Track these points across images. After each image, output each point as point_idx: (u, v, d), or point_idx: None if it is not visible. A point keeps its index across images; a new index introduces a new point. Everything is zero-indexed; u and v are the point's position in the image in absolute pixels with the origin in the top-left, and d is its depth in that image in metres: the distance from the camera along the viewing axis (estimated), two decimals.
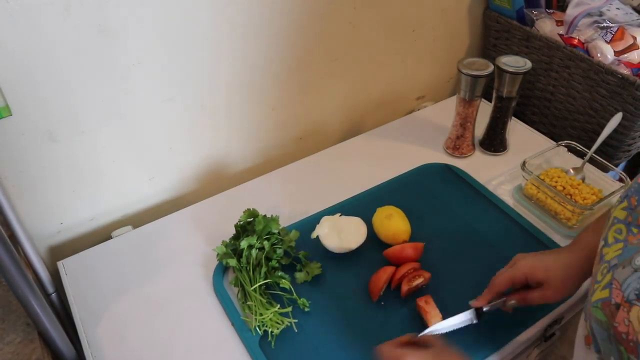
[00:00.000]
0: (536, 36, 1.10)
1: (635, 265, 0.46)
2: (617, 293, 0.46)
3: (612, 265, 0.49)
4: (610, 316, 0.46)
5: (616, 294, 0.46)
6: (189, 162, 1.01)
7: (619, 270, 0.48)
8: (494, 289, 0.71)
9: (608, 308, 0.47)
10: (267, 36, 0.94)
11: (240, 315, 0.77)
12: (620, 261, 0.49)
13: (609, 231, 0.53)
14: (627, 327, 0.44)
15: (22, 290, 0.61)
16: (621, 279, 0.47)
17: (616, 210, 0.54)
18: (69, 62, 0.76)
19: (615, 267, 0.48)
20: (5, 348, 0.65)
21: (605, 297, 0.47)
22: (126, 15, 0.77)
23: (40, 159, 0.83)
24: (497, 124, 1.04)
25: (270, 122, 1.07)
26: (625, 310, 0.45)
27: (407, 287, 0.77)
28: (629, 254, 0.48)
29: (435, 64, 1.26)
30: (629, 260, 0.47)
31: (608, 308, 0.47)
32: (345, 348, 0.73)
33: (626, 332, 0.44)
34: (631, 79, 0.95)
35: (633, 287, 0.45)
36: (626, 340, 0.44)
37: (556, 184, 0.91)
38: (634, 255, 0.47)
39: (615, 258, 0.50)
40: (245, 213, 0.85)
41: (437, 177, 1.01)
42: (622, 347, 0.45)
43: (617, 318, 0.45)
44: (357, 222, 0.86)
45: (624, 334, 0.44)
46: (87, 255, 0.89)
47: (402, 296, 0.78)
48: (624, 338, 0.44)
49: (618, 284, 0.47)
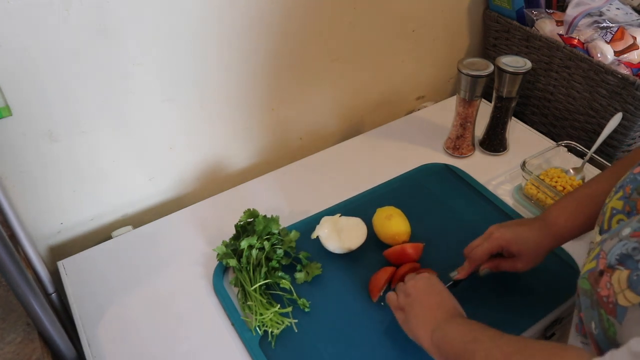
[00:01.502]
0: (536, 36, 1.10)
1: (621, 236, 0.47)
2: (602, 262, 0.48)
3: (601, 240, 0.51)
4: (594, 283, 0.47)
5: (602, 263, 0.48)
6: (189, 162, 1.01)
7: (607, 242, 0.49)
8: (474, 262, 0.75)
9: (593, 277, 0.48)
10: (267, 36, 0.94)
11: (240, 315, 0.77)
12: (609, 235, 0.50)
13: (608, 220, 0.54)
14: (608, 290, 0.45)
15: (22, 290, 0.61)
16: (607, 249, 0.48)
17: (612, 201, 0.54)
18: (69, 62, 0.76)
19: (604, 242, 0.50)
20: (5, 348, 0.65)
21: (592, 267, 0.49)
22: (126, 15, 0.77)
23: (40, 159, 0.83)
24: (497, 124, 1.04)
25: (270, 122, 1.07)
26: (608, 275, 0.46)
27: None
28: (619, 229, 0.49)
29: (435, 64, 1.26)
30: (617, 233, 0.48)
31: (593, 277, 0.48)
32: (345, 348, 0.73)
33: (607, 295, 0.45)
34: (631, 79, 0.95)
35: (615, 253, 0.46)
36: (606, 303, 0.45)
37: (556, 184, 0.91)
38: (623, 228, 0.48)
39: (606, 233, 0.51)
40: (246, 213, 0.85)
41: (437, 177, 1.01)
42: (602, 310, 0.46)
43: (600, 284, 0.47)
44: (357, 223, 0.86)
45: (605, 297, 0.45)
46: (87, 255, 0.89)
47: None
48: (604, 301, 0.45)
49: (604, 253, 0.48)
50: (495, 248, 0.73)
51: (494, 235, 0.73)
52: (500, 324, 0.74)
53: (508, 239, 0.72)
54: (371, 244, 0.86)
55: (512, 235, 0.72)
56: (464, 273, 0.76)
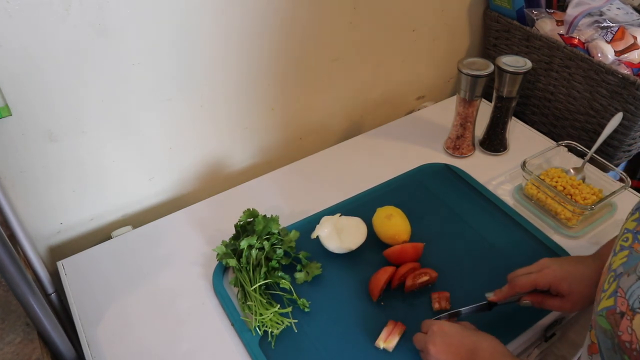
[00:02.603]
0: (536, 36, 1.10)
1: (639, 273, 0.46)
2: (621, 301, 0.46)
3: (618, 273, 0.49)
4: (614, 325, 0.46)
5: (621, 302, 0.46)
6: (189, 162, 1.01)
7: (624, 279, 0.47)
8: (516, 289, 0.71)
9: (612, 317, 0.46)
10: (267, 36, 0.94)
11: (240, 315, 0.77)
12: (626, 269, 0.48)
13: (618, 241, 0.53)
14: (631, 336, 0.44)
15: (21, 290, 0.61)
16: (626, 287, 0.46)
17: (627, 222, 0.54)
18: (69, 62, 0.76)
19: (621, 276, 0.48)
20: (5, 348, 0.65)
21: (610, 305, 0.47)
22: (126, 15, 0.77)
23: (40, 159, 0.83)
24: (497, 124, 1.04)
25: (270, 122, 1.06)
26: (628, 318, 0.44)
27: (411, 282, 0.77)
28: (634, 262, 0.48)
29: (436, 64, 1.26)
30: (633, 268, 0.47)
31: (612, 317, 0.46)
32: (345, 348, 0.73)
33: (629, 340, 0.44)
34: (631, 78, 0.95)
35: (637, 294, 0.45)
36: (629, 349, 0.44)
37: (556, 184, 0.91)
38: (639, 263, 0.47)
39: (621, 266, 0.50)
40: (245, 213, 0.85)
41: (437, 177, 1.01)
42: (625, 356, 0.44)
43: (621, 327, 0.45)
44: (357, 222, 0.86)
45: (627, 342, 0.44)
46: (87, 255, 0.89)
47: (405, 291, 0.78)
48: (627, 347, 0.44)
49: (623, 292, 0.46)
50: (543, 283, 0.69)
51: (546, 271, 0.69)
52: (500, 323, 0.75)
53: (559, 276, 0.68)
54: (371, 243, 0.86)
55: (565, 274, 0.68)
56: (500, 297, 0.72)
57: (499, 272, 0.77)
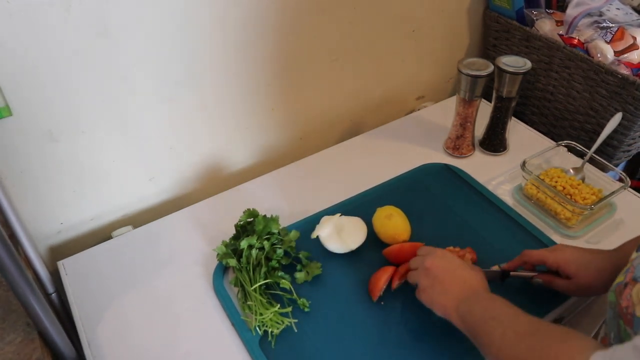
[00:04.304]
0: (536, 36, 1.10)
1: None
2: (629, 276, 0.49)
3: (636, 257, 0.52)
4: (618, 295, 0.49)
5: (629, 276, 0.49)
6: (189, 162, 1.01)
7: (638, 258, 0.50)
8: (523, 257, 0.76)
9: (619, 289, 0.49)
10: (267, 36, 0.94)
11: (240, 315, 0.77)
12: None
13: None
14: (628, 301, 0.46)
15: (22, 290, 0.61)
16: (636, 264, 0.49)
17: None
18: (69, 62, 0.76)
19: (638, 258, 0.51)
20: (5, 348, 0.65)
21: (620, 281, 0.50)
22: (126, 15, 0.77)
23: (40, 159, 0.83)
24: (497, 124, 1.04)
25: (270, 122, 1.07)
26: (630, 287, 0.47)
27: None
28: None
29: (435, 64, 1.26)
30: None
31: (619, 289, 0.49)
32: (345, 348, 0.73)
33: (627, 305, 0.46)
34: (631, 79, 0.95)
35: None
36: (625, 314, 0.46)
37: (556, 184, 0.91)
38: None
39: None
40: (245, 213, 0.85)
41: (437, 177, 1.01)
42: (621, 321, 0.47)
43: (623, 295, 0.48)
44: (357, 222, 0.86)
45: (625, 307, 0.46)
46: (87, 255, 0.89)
47: None
48: (624, 312, 0.46)
49: (633, 268, 0.49)
50: (552, 261, 0.72)
51: (558, 252, 0.72)
52: None
53: (569, 259, 0.70)
54: (371, 243, 0.86)
55: (575, 258, 0.70)
56: (511, 265, 0.77)
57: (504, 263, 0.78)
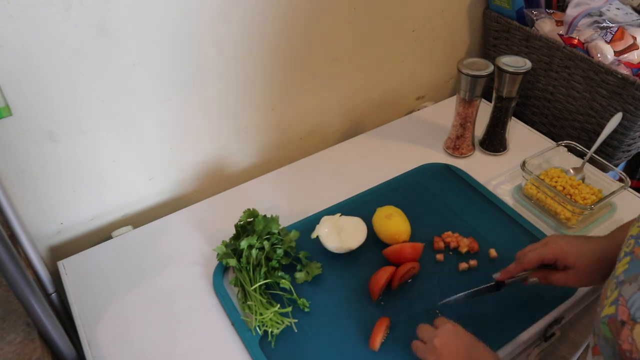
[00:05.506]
0: (536, 36, 1.10)
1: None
2: (623, 310, 0.46)
3: (619, 281, 0.49)
4: (615, 333, 0.46)
5: (622, 311, 0.46)
6: (189, 162, 1.01)
7: (626, 287, 0.47)
8: (522, 265, 0.70)
9: (614, 325, 0.46)
10: (267, 36, 0.94)
11: (240, 315, 0.77)
12: (627, 277, 0.48)
13: (622, 248, 0.53)
14: (631, 345, 0.44)
15: (22, 290, 0.61)
16: (627, 296, 0.46)
17: (633, 228, 0.53)
18: (69, 62, 0.76)
19: (622, 284, 0.48)
20: (5, 348, 0.65)
21: (612, 313, 0.47)
22: (126, 15, 0.77)
23: (40, 159, 0.83)
24: (497, 124, 1.04)
25: (270, 122, 1.07)
26: (629, 328, 0.44)
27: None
28: (636, 269, 0.48)
29: (435, 64, 1.26)
30: (634, 276, 0.47)
31: (614, 325, 0.46)
32: (345, 348, 0.73)
33: (630, 350, 0.44)
34: (631, 79, 0.95)
35: (638, 305, 0.45)
36: (629, 358, 0.44)
37: (556, 184, 0.91)
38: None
39: (622, 274, 0.49)
40: (245, 213, 0.85)
41: (437, 177, 1.01)
42: None
43: (621, 336, 0.45)
44: (357, 222, 0.86)
45: (627, 352, 0.44)
46: (87, 255, 0.89)
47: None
48: (627, 356, 0.44)
49: (624, 300, 0.46)
50: (549, 256, 0.68)
51: (552, 244, 0.68)
52: (500, 323, 0.75)
53: (565, 249, 0.67)
54: (371, 243, 0.86)
55: (570, 246, 0.67)
56: (506, 275, 0.72)
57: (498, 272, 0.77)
